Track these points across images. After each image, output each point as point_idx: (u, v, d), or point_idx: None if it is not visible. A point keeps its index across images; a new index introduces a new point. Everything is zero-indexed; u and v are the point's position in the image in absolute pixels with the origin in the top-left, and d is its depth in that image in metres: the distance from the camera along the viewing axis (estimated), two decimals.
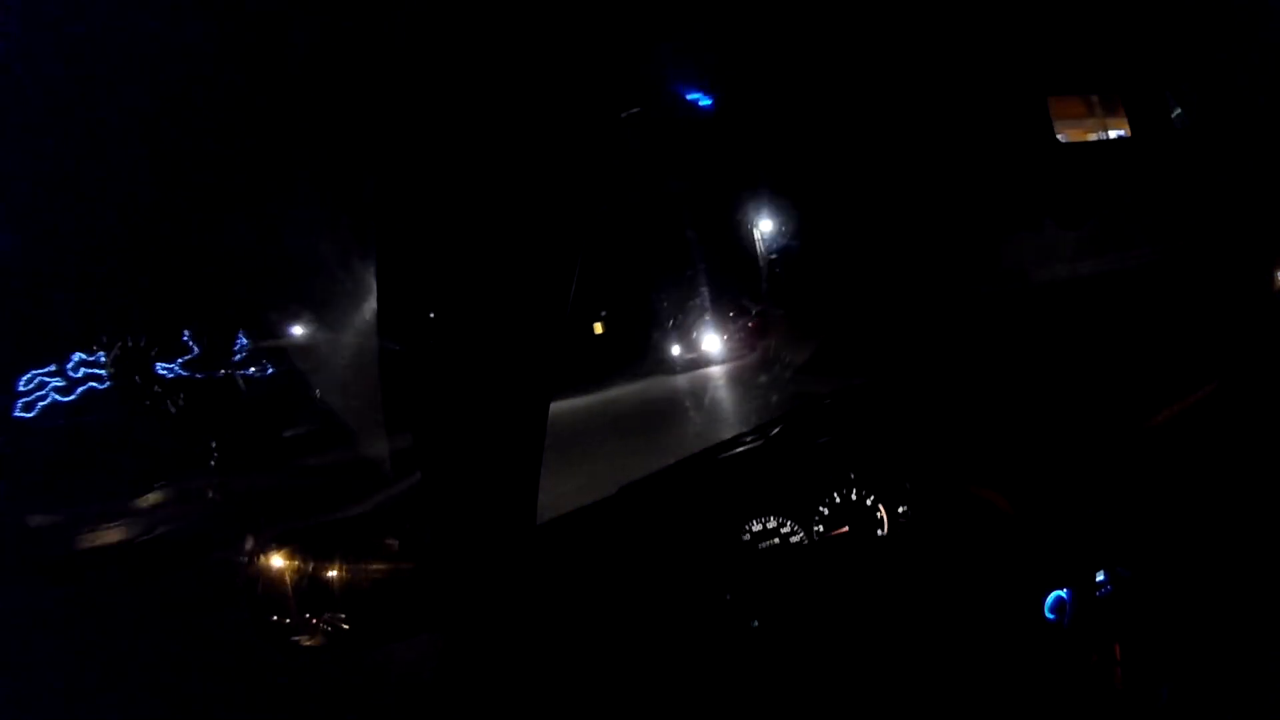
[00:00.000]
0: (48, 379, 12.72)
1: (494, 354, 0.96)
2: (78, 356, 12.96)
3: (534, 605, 1.07)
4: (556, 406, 1.00)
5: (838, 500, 1.25)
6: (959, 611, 1.12)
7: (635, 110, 0.81)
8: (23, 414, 12.49)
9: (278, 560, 1.00)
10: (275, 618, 1.01)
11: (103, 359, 12.95)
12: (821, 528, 1.24)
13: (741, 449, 1.31)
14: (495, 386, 0.98)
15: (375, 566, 1.02)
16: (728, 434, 1.33)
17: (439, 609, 1.05)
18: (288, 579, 0.99)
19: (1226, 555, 1.17)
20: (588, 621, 1.11)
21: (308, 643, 1.00)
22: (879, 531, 1.26)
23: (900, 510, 1.27)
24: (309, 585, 0.99)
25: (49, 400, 12.60)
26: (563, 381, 1.01)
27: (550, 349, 0.95)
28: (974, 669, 1.05)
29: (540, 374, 0.98)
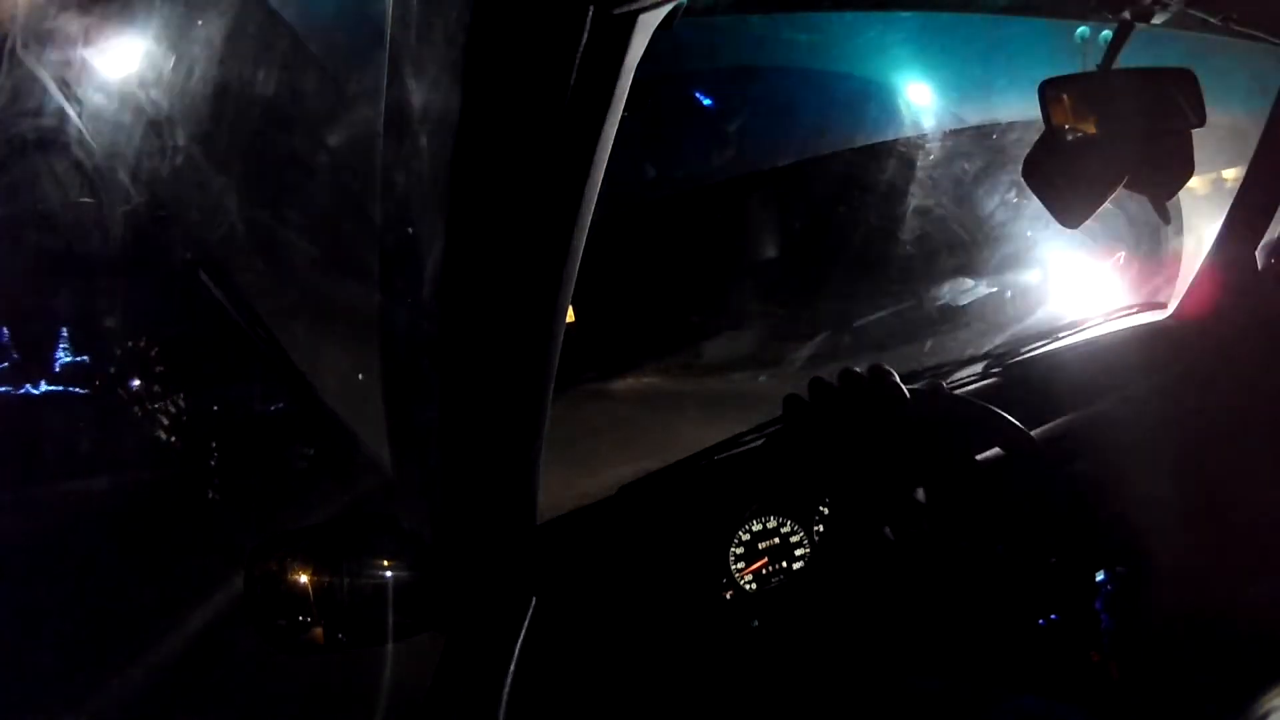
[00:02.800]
0: None
1: (494, 351, 0.96)
2: None
3: (534, 605, 1.07)
4: None
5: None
6: (960, 610, 1.12)
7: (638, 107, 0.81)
8: None
9: (279, 562, 0.99)
10: (277, 618, 1.01)
11: None
12: (822, 527, 1.24)
13: (741, 449, 1.30)
14: (495, 385, 0.97)
15: (376, 567, 1.02)
16: None
17: (439, 609, 1.05)
18: (290, 581, 0.99)
19: (1226, 552, 1.17)
20: (588, 621, 1.11)
21: (309, 643, 1.00)
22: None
23: (901, 510, 1.27)
24: (311, 586, 0.99)
25: None
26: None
27: (551, 345, 0.95)
28: (975, 668, 1.05)
29: (541, 372, 0.98)
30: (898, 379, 0.97)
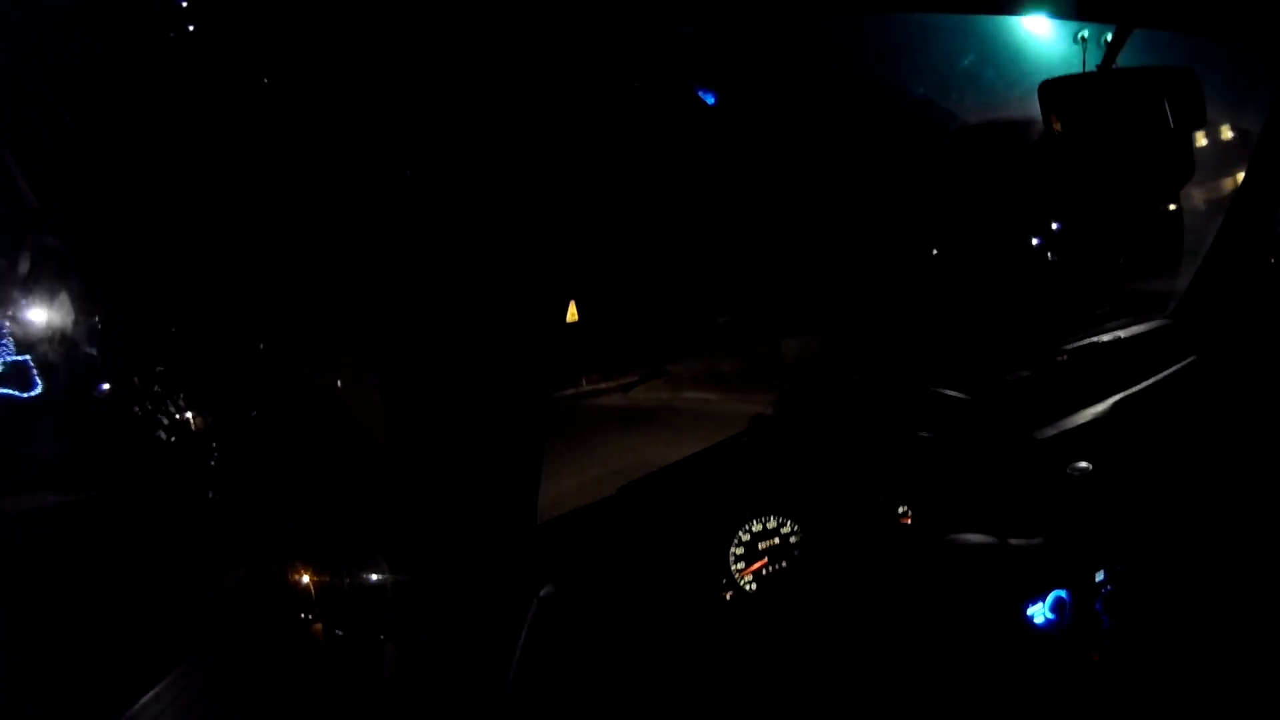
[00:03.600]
0: None
1: (493, 352, 0.96)
2: None
3: (534, 605, 1.07)
4: None
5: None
6: (961, 610, 1.12)
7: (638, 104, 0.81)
8: None
9: (281, 561, 0.99)
10: (278, 616, 1.01)
11: None
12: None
13: (741, 449, 1.30)
14: (494, 386, 0.97)
15: (376, 567, 1.02)
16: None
17: (439, 609, 1.05)
18: (291, 579, 0.99)
19: (1226, 553, 1.17)
20: (588, 621, 1.11)
21: (309, 641, 1.00)
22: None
23: (901, 510, 1.27)
24: (312, 585, 0.99)
25: None
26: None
27: (550, 345, 0.95)
28: (976, 667, 1.05)
29: (540, 372, 0.98)
30: (866, 385, 0.99)
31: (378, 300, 1.01)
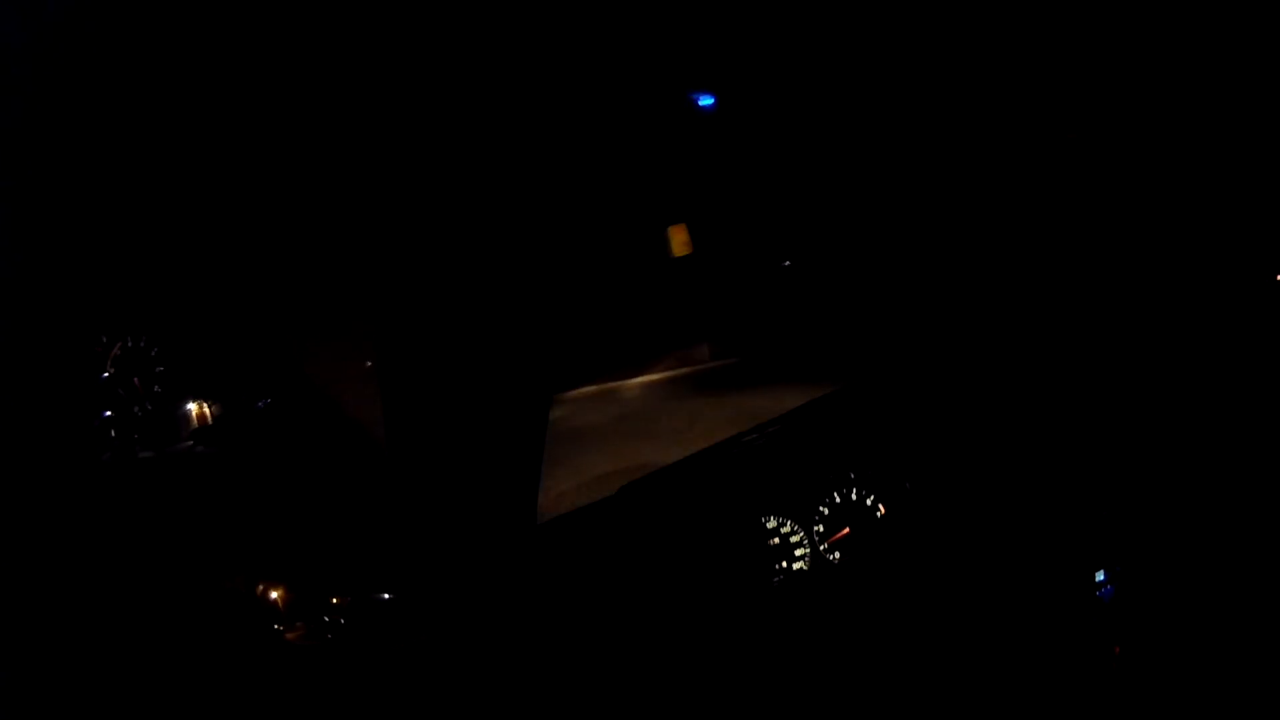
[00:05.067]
0: None
1: (490, 352, 0.96)
2: None
3: (534, 605, 1.07)
4: None
5: (838, 500, 1.25)
6: (960, 610, 1.12)
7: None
8: None
9: (278, 564, 0.99)
10: (269, 622, 1.01)
11: None
12: (822, 528, 1.25)
13: (742, 449, 1.30)
14: (493, 385, 0.97)
15: (376, 567, 1.02)
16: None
17: (439, 610, 1.05)
18: (288, 584, 0.99)
19: (1226, 554, 1.17)
20: (588, 621, 1.11)
21: (312, 643, 1.00)
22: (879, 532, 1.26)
23: (900, 511, 1.27)
24: (293, 594, 0.99)
25: None
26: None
27: (548, 344, 0.95)
28: (976, 666, 1.05)
29: (538, 371, 0.98)
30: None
31: (377, 296, 1.01)
